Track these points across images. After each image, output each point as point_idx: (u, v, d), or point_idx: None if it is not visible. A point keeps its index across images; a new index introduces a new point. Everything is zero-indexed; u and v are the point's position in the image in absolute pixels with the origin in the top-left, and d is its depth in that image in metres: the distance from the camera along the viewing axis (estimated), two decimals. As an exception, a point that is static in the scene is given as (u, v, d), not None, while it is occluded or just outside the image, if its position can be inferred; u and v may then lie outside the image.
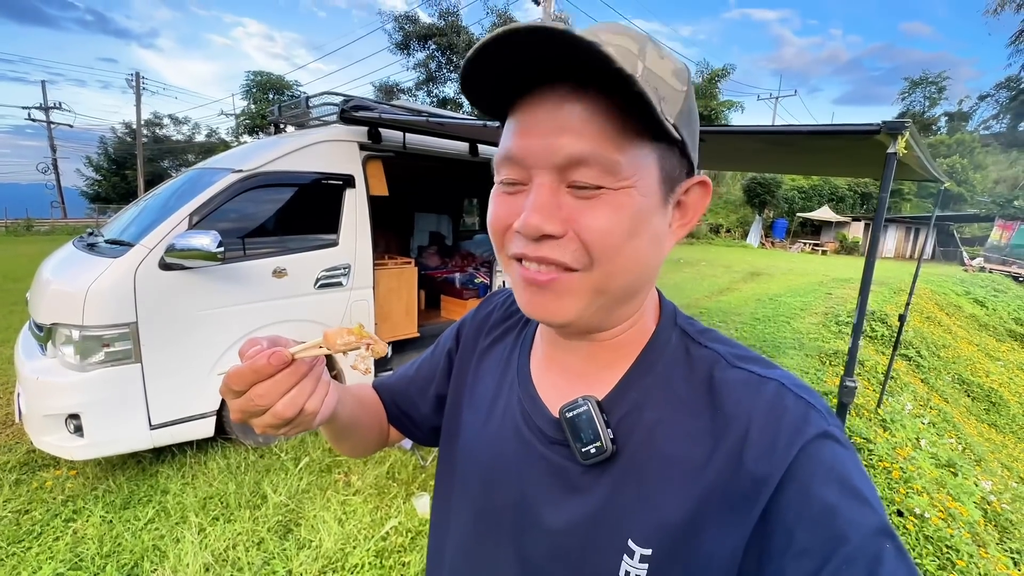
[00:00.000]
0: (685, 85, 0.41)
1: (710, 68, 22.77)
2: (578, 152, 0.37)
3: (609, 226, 0.38)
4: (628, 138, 0.37)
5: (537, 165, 0.39)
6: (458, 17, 18.74)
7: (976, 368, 6.33)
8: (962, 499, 2.89)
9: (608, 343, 0.47)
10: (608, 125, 0.37)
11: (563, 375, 0.51)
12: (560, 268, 0.40)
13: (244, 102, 26.20)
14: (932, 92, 35.67)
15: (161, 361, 2.50)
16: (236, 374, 0.40)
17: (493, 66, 0.37)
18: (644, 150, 0.39)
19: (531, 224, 0.38)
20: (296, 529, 2.26)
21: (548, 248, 0.39)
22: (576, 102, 0.37)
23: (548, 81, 0.39)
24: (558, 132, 0.38)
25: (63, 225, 19.87)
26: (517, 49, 0.35)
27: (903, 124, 1.54)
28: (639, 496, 0.42)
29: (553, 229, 0.39)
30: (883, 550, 0.33)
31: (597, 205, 0.38)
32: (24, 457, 2.74)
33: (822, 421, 0.39)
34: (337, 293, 3.18)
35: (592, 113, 0.37)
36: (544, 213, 0.38)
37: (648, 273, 0.44)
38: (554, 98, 0.38)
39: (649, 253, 0.42)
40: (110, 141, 29.46)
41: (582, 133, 0.37)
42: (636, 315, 0.47)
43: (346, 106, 3.21)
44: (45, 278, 2.59)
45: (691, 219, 0.45)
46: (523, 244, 0.40)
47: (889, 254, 23.66)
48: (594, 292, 0.41)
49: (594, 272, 0.40)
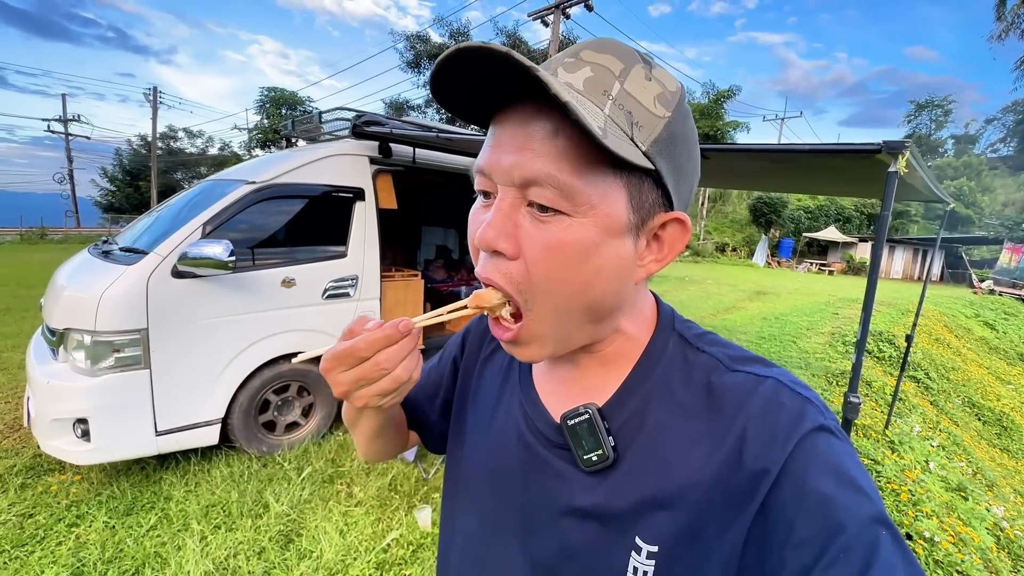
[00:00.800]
0: (671, 111, 0.40)
1: (716, 89, 23.01)
2: (533, 173, 0.37)
3: (553, 259, 0.38)
4: (588, 162, 0.36)
5: (500, 181, 0.39)
6: (468, 37, 19.19)
7: (987, 391, 6.23)
8: (973, 524, 2.83)
9: (603, 353, 0.48)
10: (570, 148, 0.36)
11: (563, 381, 0.52)
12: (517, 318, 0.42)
13: (257, 117, 26.80)
14: (938, 115, 35.83)
15: (169, 367, 2.53)
16: (369, 340, 0.41)
17: (459, 82, 0.38)
18: (607, 176, 0.38)
19: (485, 238, 0.39)
20: (297, 539, 2.25)
21: (494, 266, 0.40)
22: (542, 120, 0.37)
23: (520, 98, 0.39)
24: (520, 149, 0.38)
25: (76, 234, 20.20)
26: (472, 68, 0.35)
27: (903, 143, 1.56)
28: (643, 498, 0.43)
29: (505, 248, 0.39)
30: (880, 537, 0.34)
31: (549, 232, 0.38)
32: (30, 461, 2.76)
33: (818, 415, 0.39)
34: (344, 304, 3.22)
35: (557, 130, 0.36)
36: (498, 229, 0.39)
37: (609, 304, 0.43)
38: (522, 114, 0.38)
39: (606, 284, 0.41)
40: (125, 153, 30.14)
41: (541, 152, 0.37)
42: (623, 328, 0.48)
43: (358, 121, 3.30)
44: (60, 283, 2.64)
45: (667, 256, 0.44)
46: (481, 260, 0.42)
47: (897, 275, 23.50)
48: (553, 328, 0.42)
49: (537, 307, 0.41)
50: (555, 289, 0.40)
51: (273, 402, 3.03)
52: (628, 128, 0.37)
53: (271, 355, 2.91)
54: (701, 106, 23.00)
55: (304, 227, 3.09)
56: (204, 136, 34.29)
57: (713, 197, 29.62)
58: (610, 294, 0.42)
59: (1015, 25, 16.09)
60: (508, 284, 0.40)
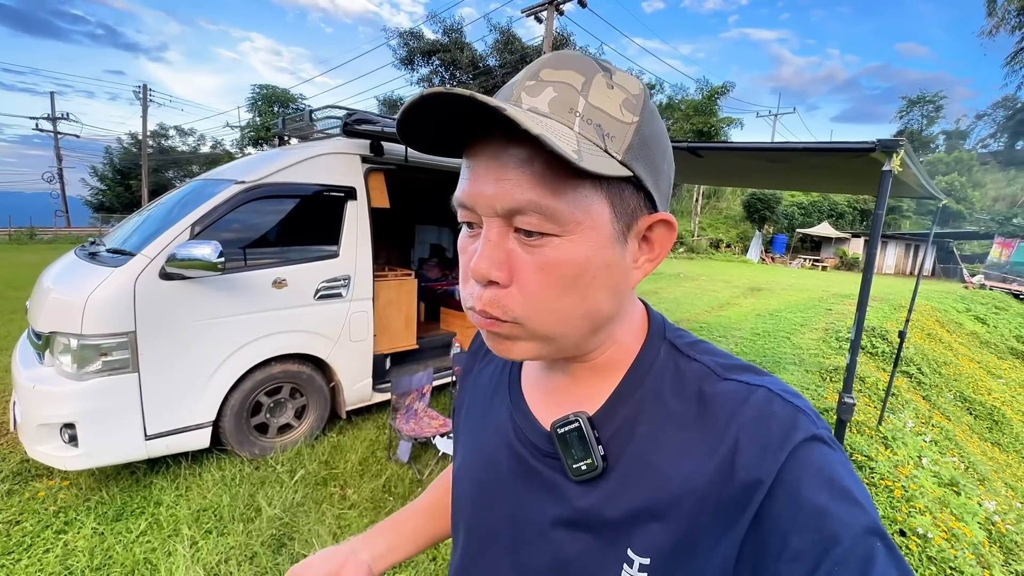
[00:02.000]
0: (638, 115, 0.40)
1: (710, 85, 23.05)
2: (514, 202, 0.37)
3: (549, 281, 0.39)
4: (566, 182, 0.37)
5: (484, 212, 0.40)
6: (462, 34, 19.08)
7: (978, 386, 6.29)
8: (965, 519, 2.85)
9: (594, 362, 0.48)
10: (545, 171, 0.37)
11: (553, 391, 0.51)
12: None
13: (249, 115, 26.57)
14: (930, 111, 36.11)
15: (158, 371, 2.50)
16: None
17: (426, 124, 0.38)
18: (587, 191, 0.38)
19: (479, 270, 0.39)
20: (290, 543, 2.23)
21: (489, 297, 0.40)
22: (513, 149, 0.37)
23: (488, 131, 0.39)
24: (497, 181, 0.38)
25: (66, 234, 19.97)
26: (438, 111, 0.36)
27: (898, 142, 1.56)
28: (634, 509, 0.42)
29: (499, 277, 0.39)
30: (874, 549, 0.33)
31: (541, 255, 0.39)
32: (17, 467, 2.71)
33: (810, 425, 0.39)
34: (337, 304, 3.19)
35: (531, 156, 0.37)
36: (490, 260, 0.39)
37: (605, 310, 0.43)
38: (494, 146, 0.39)
39: (602, 295, 0.41)
40: (116, 151, 29.79)
41: (519, 182, 0.37)
42: (616, 336, 0.47)
43: (349, 119, 3.26)
44: (45, 286, 2.60)
45: (659, 255, 0.44)
46: (474, 292, 0.41)
47: (889, 270, 23.70)
48: (540, 339, 0.42)
49: (530, 323, 0.40)
50: (553, 308, 0.40)
51: (265, 404, 3.00)
52: (600, 141, 0.38)
53: (263, 357, 2.87)
54: (695, 102, 23.04)
55: (295, 227, 3.05)
56: (196, 134, 33.88)
57: (707, 193, 29.70)
58: (606, 302, 0.42)
59: (1005, 21, 16.23)
60: (500, 311, 0.40)
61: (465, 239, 0.44)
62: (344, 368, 3.27)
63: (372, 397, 3.50)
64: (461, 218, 0.43)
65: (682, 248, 23.76)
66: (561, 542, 0.45)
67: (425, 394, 3.23)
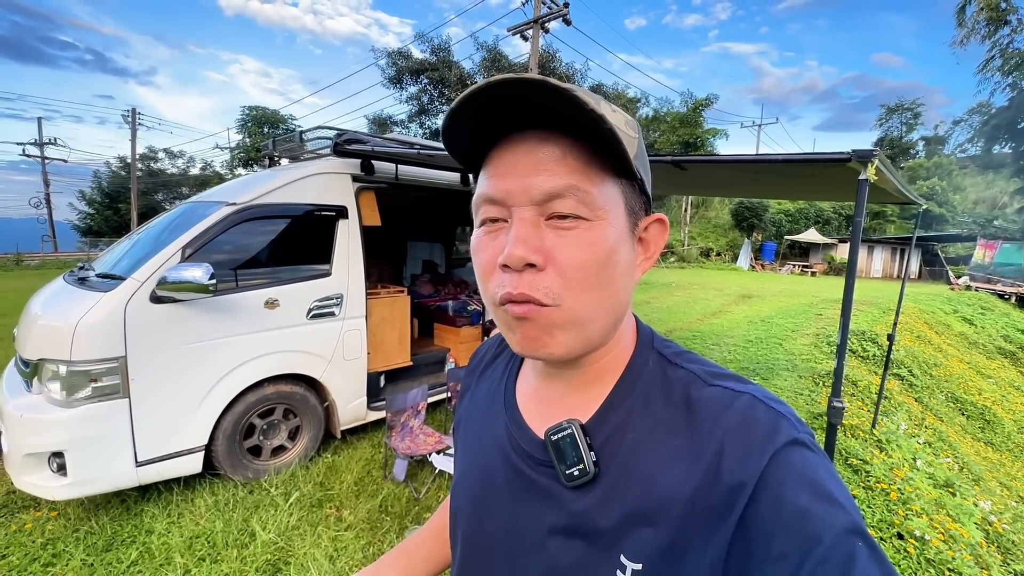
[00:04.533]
0: (636, 133, 0.45)
1: (694, 98, 23.51)
2: (555, 187, 0.41)
3: (584, 257, 0.41)
4: (598, 174, 0.42)
5: (517, 203, 0.42)
6: (449, 52, 19.35)
7: (968, 386, 6.35)
8: (962, 520, 2.87)
9: (590, 369, 0.49)
10: (579, 163, 0.41)
11: (548, 401, 0.52)
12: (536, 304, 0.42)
13: (239, 136, 26.63)
14: (908, 118, 36.93)
15: (149, 395, 2.47)
16: None
17: (475, 114, 0.41)
18: (611, 185, 0.43)
19: (515, 255, 0.41)
20: (285, 568, 2.19)
21: (528, 281, 0.41)
22: (550, 144, 0.42)
23: (518, 130, 0.43)
24: (535, 172, 0.41)
25: (53, 259, 19.72)
26: (499, 99, 0.39)
27: (872, 152, 1.61)
28: (626, 514, 0.43)
29: (535, 259, 0.41)
30: (856, 548, 0.34)
31: (573, 238, 0.42)
32: (3, 499, 2.65)
33: (792, 429, 0.40)
34: (330, 323, 3.18)
35: (564, 153, 0.41)
36: (527, 244, 0.41)
37: (624, 302, 0.46)
38: (528, 143, 0.42)
39: (621, 283, 0.45)
40: (104, 175, 29.64)
41: (556, 171, 0.41)
42: (615, 340, 0.49)
43: (339, 139, 3.29)
44: (34, 313, 2.57)
45: (653, 254, 0.48)
46: (508, 281, 0.42)
47: (877, 274, 23.98)
48: (576, 324, 0.43)
49: (567, 304, 0.42)
50: (587, 288, 0.42)
51: (258, 426, 2.97)
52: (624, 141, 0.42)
53: (255, 378, 2.85)
54: (680, 115, 23.46)
55: (287, 247, 3.06)
56: (185, 156, 33.85)
57: (695, 203, 30.06)
58: (624, 294, 0.46)
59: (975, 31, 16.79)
60: (544, 296, 0.42)
61: (482, 238, 0.45)
62: (338, 387, 3.25)
63: (367, 416, 3.48)
64: (484, 215, 0.45)
65: (673, 257, 23.95)
66: (556, 550, 0.46)
67: (420, 411, 3.21)
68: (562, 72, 18.12)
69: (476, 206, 0.46)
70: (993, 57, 18.57)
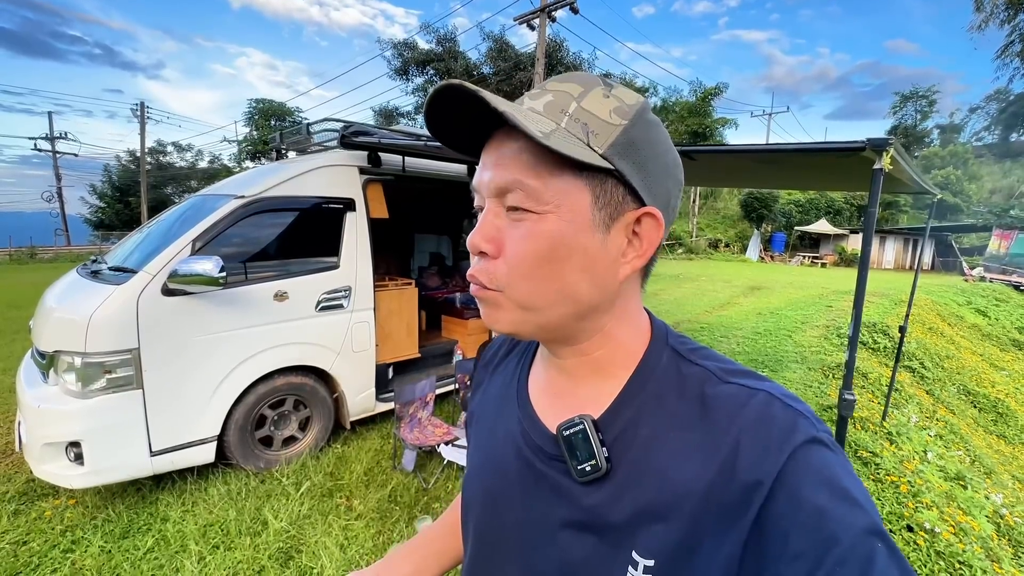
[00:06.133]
0: (627, 119, 0.43)
1: (703, 87, 23.14)
2: (504, 181, 0.43)
3: (526, 250, 0.43)
4: (549, 169, 0.42)
5: (485, 194, 0.46)
6: (455, 43, 19.21)
7: (981, 378, 6.27)
8: (973, 513, 2.84)
9: (587, 359, 0.49)
10: (533, 160, 0.42)
11: (559, 396, 0.52)
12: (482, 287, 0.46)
13: (247, 129, 26.70)
14: (923, 106, 36.11)
15: (163, 386, 2.51)
16: None
17: (445, 120, 0.45)
18: (568, 179, 0.42)
19: (471, 242, 0.46)
20: (297, 556, 2.23)
21: (480, 267, 0.46)
22: (509, 141, 0.44)
23: (496, 125, 0.46)
24: (495, 166, 0.44)
25: (67, 252, 20.02)
26: (452, 104, 0.43)
27: (887, 141, 1.57)
28: (638, 510, 0.43)
29: (487, 248, 0.45)
30: (875, 549, 0.34)
31: (522, 228, 0.44)
32: (23, 487, 2.72)
33: (810, 427, 0.40)
34: (338, 315, 3.20)
35: (519, 150, 0.43)
36: (481, 233, 0.45)
37: (583, 291, 0.44)
38: (497, 139, 0.45)
39: (578, 274, 0.44)
40: (114, 169, 29.90)
41: (509, 166, 0.43)
42: (611, 332, 0.48)
43: (346, 132, 3.29)
44: (49, 306, 2.62)
45: (646, 250, 0.46)
46: (473, 263, 0.47)
47: (889, 265, 23.68)
48: (519, 308, 0.45)
49: (510, 290, 0.45)
50: (529, 276, 0.44)
51: (269, 417, 3.00)
52: (583, 136, 0.42)
53: (266, 370, 2.88)
54: (690, 104, 23.12)
55: (295, 240, 3.07)
56: (193, 150, 34.04)
57: (704, 194, 29.76)
58: (584, 286, 0.44)
59: (994, 15, 16.34)
60: (487, 278, 0.45)
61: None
62: (347, 379, 3.28)
63: (375, 407, 3.51)
64: (475, 204, 0.49)
65: (681, 249, 23.78)
66: (568, 545, 0.46)
67: (428, 402, 3.23)
68: (569, 61, 17.89)
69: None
70: (1012, 42, 18.08)
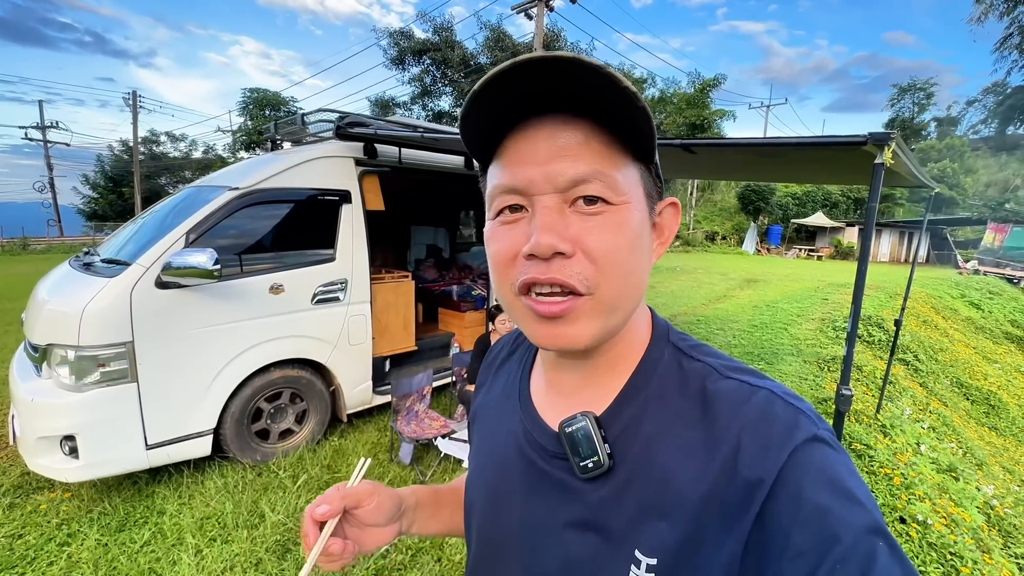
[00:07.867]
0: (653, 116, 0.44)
1: (701, 78, 23.00)
2: (580, 172, 0.40)
3: (614, 242, 0.41)
4: (620, 158, 0.41)
5: (540, 191, 0.41)
6: (452, 32, 18.97)
7: (974, 371, 6.33)
8: (964, 504, 2.88)
9: (603, 359, 0.48)
10: (602, 147, 0.41)
11: (562, 394, 0.52)
12: (568, 294, 0.41)
13: (241, 119, 26.40)
14: (920, 98, 36.04)
15: (157, 380, 2.49)
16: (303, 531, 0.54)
17: (498, 97, 0.39)
18: (632, 169, 0.42)
19: (543, 243, 0.39)
20: (295, 548, 2.23)
21: (558, 268, 0.40)
22: (571, 129, 0.40)
23: (536, 115, 0.41)
24: (557, 158, 0.40)
25: (59, 243, 19.84)
26: (523, 81, 0.38)
27: (889, 135, 1.56)
28: (641, 508, 0.42)
29: (564, 247, 0.40)
30: (876, 548, 0.34)
31: (600, 223, 0.41)
32: (18, 480, 2.71)
33: (811, 426, 0.40)
34: (334, 308, 3.18)
35: (587, 138, 0.40)
36: (554, 232, 0.40)
37: (643, 286, 0.46)
38: (547, 129, 0.41)
39: (644, 267, 0.44)
40: (107, 159, 29.53)
41: (580, 156, 0.40)
42: (627, 329, 0.48)
43: (342, 123, 3.25)
44: (41, 298, 2.59)
45: (667, 238, 0.48)
46: (533, 268, 0.41)
47: (884, 258, 23.77)
48: (605, 313, 0.42)
49: (601, 291, 0.41)
50: (618, 273, 0.41)
51: (266, 410, 3.00)
52: None
53: (262, 363, 2.87)
54: (688, 96, 23.00)
55: (291, 232, 3.04)
56: (187, 139, 33.60)
57: (701, 187, 29.71)
58: (645, 278, 0.45)
59: (993, 7, 16.28)
60: (579, 282, 0.40)
61: (498, 227, 0.44)
62: (344, 372, 3.27)
63: (372, 400, 3.51)
64: (501, 204, 0.43)
65: (678, 242, 23.78)
66: (570, 544, 0.46)
67: (425, 395, 3.23)
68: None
69: (491, 197, 0.44)
70: (1011, 34, 18.04)
